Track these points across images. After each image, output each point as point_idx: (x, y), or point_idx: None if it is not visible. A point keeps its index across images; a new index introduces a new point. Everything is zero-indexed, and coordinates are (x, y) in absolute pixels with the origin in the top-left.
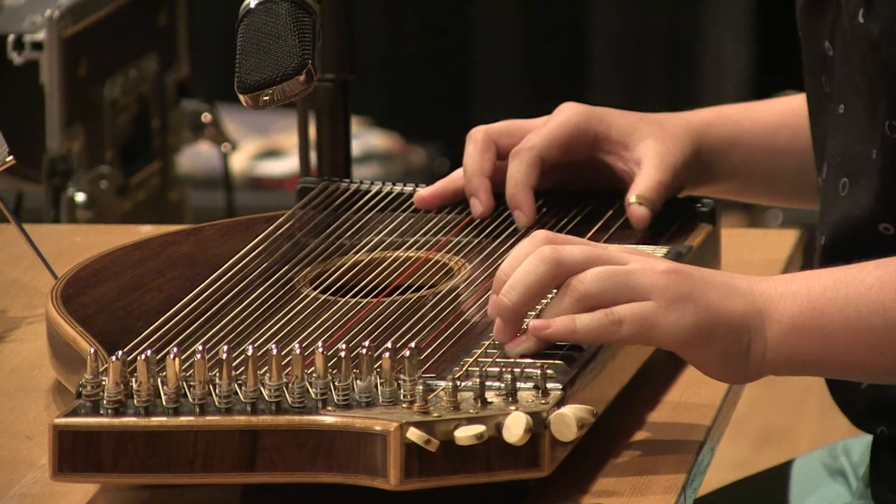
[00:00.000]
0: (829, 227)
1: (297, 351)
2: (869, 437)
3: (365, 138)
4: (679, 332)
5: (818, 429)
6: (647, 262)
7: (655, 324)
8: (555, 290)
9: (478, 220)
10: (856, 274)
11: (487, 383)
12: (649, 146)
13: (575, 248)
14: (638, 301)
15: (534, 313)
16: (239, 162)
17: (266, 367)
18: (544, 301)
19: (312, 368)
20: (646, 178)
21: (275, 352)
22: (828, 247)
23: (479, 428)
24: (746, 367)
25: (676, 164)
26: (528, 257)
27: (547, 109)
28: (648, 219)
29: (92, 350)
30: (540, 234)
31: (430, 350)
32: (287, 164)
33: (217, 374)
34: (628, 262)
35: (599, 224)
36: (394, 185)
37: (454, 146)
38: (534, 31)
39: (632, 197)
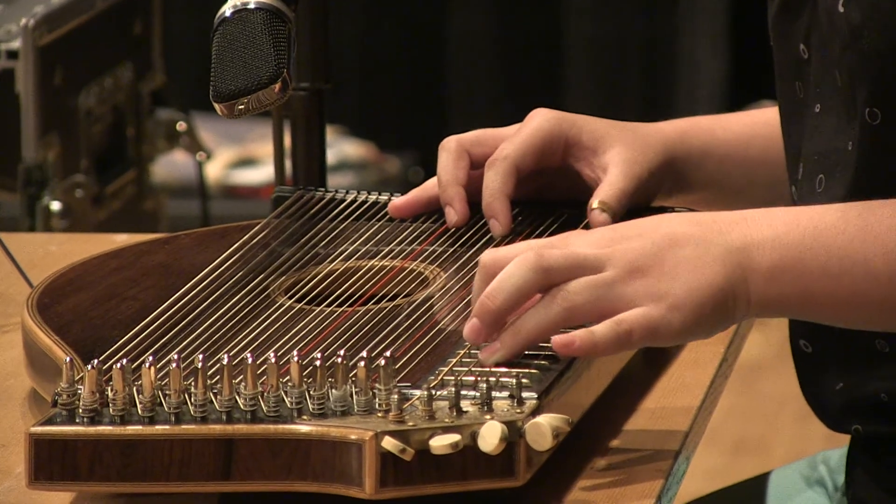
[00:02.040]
0: None
1: (273, 360)
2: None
3: (339, 147)
4: (677, 328)
5: (793, 438)
6: (623, 264)
7: (657, 327)
8: None
9: (453, 230)
10: (837, 221)
11: (463, 392)
12: (617, 153)
13: (559, 253)
14: (623, 308)
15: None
16: (213, 171)
17: (241, 376)
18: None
19: (288, 377)
20: (610, 185)
21: (250, 361)
22: None
23: (455, 437)
24: (734, 319)
25: (642, 174)
26: (513, 262)
27: (521, 119)
28: (609, 225)
29: (68, 359)
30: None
31: (405, 359)
32: (261, 173)
33: (192, 383)
34: (605, 265)
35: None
36: (369, 194)
37: (428, 155)
38: (509, 40)
39: (594, 203)
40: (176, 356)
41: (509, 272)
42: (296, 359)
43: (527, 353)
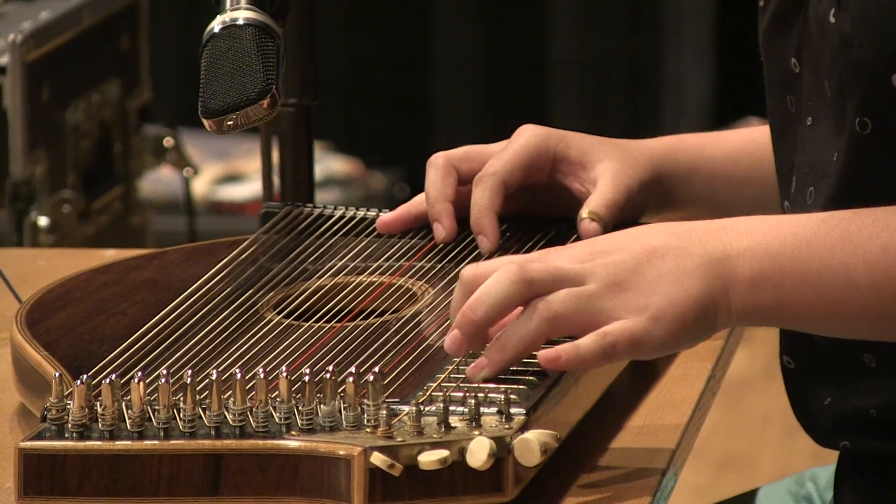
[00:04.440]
0: None
1: (261, 375)
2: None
3: (325, 163)
4: (659, 341)
5: (778, 455)
6: (604, 278)
7: (640, 340)
8: None
9: (441, 245)
10: (817, 230)
11: (451, 408)
12: (606, 166)
13: (541, 266)
14: (604, 321)
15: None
16: (199, 187)
17: (230, 392)
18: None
19: (276, 393)
20: (600, 196)
21: (239, 376)
22: None
23: (443, 453)
24: (714, 328)
25: (632, 186)
26: (495, 274)
27: (507, 135)
28: (599, 235)
29: (57, 374)
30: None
31: (393, 375)
32: (247, 189)
33: (181, 399)
34: (587, 279)
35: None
36: (357, 209)
37: (414, 171)
38: (494, 56)
39: (584, 212)
40: (165, 371)
41: (491, 284)
42: (284, 374)
43: (515, 368)
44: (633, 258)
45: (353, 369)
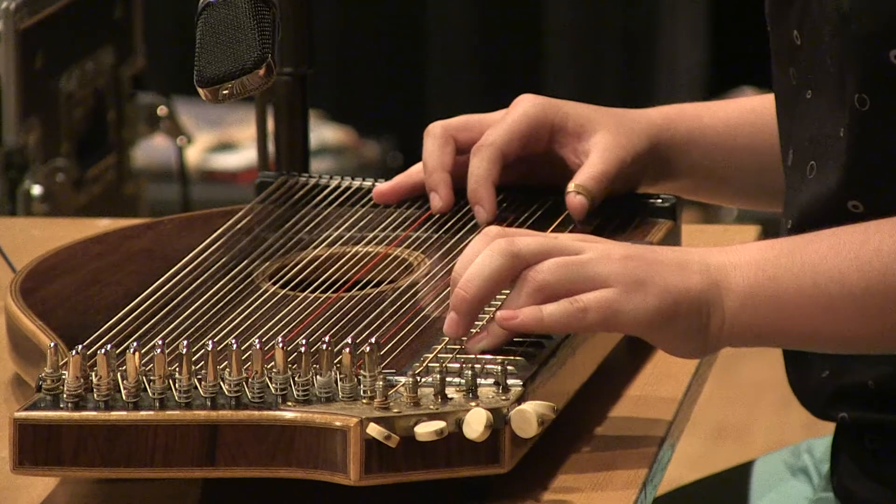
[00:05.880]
0: (797, 209)
1: (257, 346)
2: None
3: (318, 132)
4: (643, 316)
5: (773, 425)
6: (601, 249)
7: (619, 310)
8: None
9: (437, 216)
10: (809, 241)
11: (448, 379)
12: (600, 137)
13: (530, 239)
14: (597, 289)
15: (490, 310)
16: (192, 155)
17: (226, 362)
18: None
19: (272, 363)
20: (588, 168)
21: (234, 346)
22: (795, 230)
23: (440, 424)
24: (706, 341)
25: (625, 158)
26: (484, 251)
27: (501, 105)
28: (586, 208)
29: (52, 344)
30: (492, 230)
31: (390, 345)
32: (240, 158)
33: (177, 369)
34: (583, 250)
35: (559, 220)
36: (353, 179)
37: (408, 140)
38: (488, 25)
39: (571, 185)
40: (160, 342)
41: (480, 261)
42: (280, 345)
43: (512, 340)
44: (636, 247)
45: (349, 340)
